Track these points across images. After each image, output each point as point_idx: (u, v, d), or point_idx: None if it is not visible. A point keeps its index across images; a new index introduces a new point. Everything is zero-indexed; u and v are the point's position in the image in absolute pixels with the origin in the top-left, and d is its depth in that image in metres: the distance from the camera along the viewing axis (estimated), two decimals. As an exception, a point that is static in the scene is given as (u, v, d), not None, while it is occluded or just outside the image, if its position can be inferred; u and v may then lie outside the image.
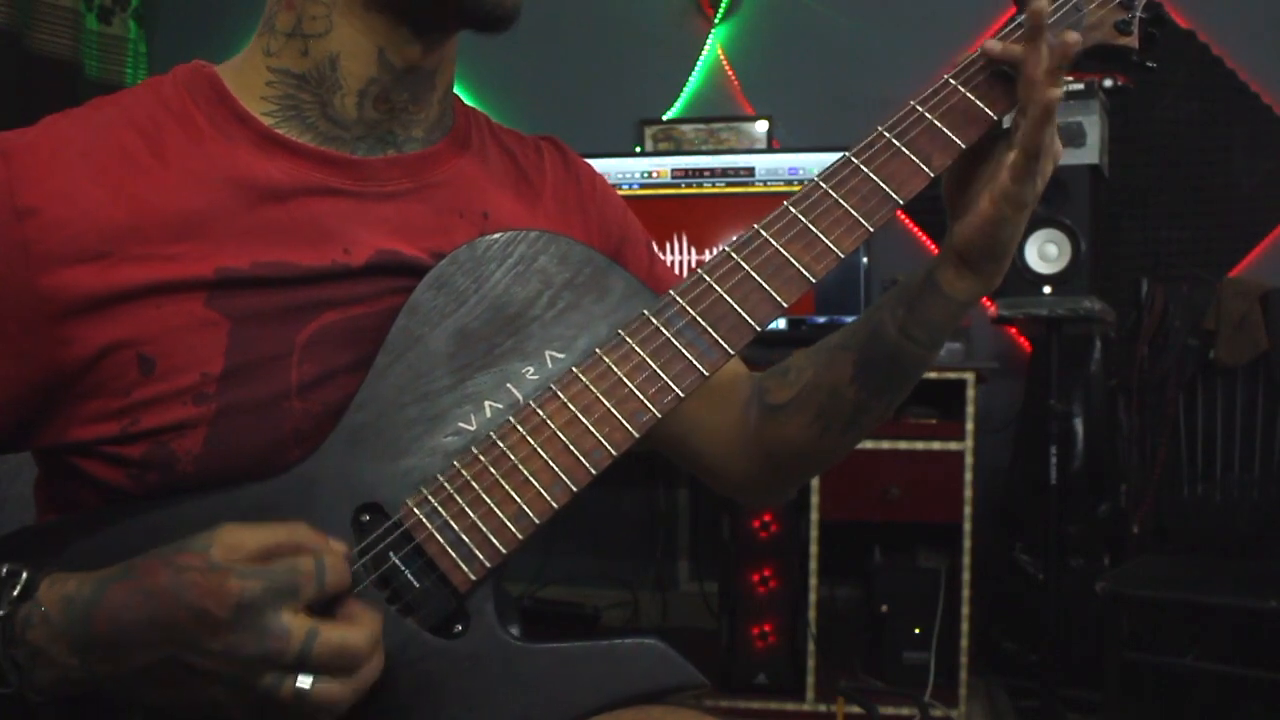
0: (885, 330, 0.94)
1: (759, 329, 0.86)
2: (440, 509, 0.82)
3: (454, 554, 0.81)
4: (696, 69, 3.35)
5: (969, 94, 0.90)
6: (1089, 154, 2.58)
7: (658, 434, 0.95)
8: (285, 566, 0.74)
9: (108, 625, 0.74)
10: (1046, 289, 2.57)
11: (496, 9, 0.89)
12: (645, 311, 0.86)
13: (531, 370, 0.86)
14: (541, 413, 0.84)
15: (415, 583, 0.81)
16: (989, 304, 2.93)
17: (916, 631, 2.65)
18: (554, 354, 0.86)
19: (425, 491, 0.82)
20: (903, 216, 3.15)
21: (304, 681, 0.73)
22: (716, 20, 3.33)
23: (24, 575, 0.76)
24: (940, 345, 0.95)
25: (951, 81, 0.91)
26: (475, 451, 0.83)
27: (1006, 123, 0.91)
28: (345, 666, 0.74)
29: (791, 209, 0.88)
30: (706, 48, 3.34)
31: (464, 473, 0.83)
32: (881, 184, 0.88)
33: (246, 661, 0.72)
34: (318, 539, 0.77)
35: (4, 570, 0.77)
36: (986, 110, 0.90)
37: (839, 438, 0.98)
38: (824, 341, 0.99)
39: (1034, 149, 0.86)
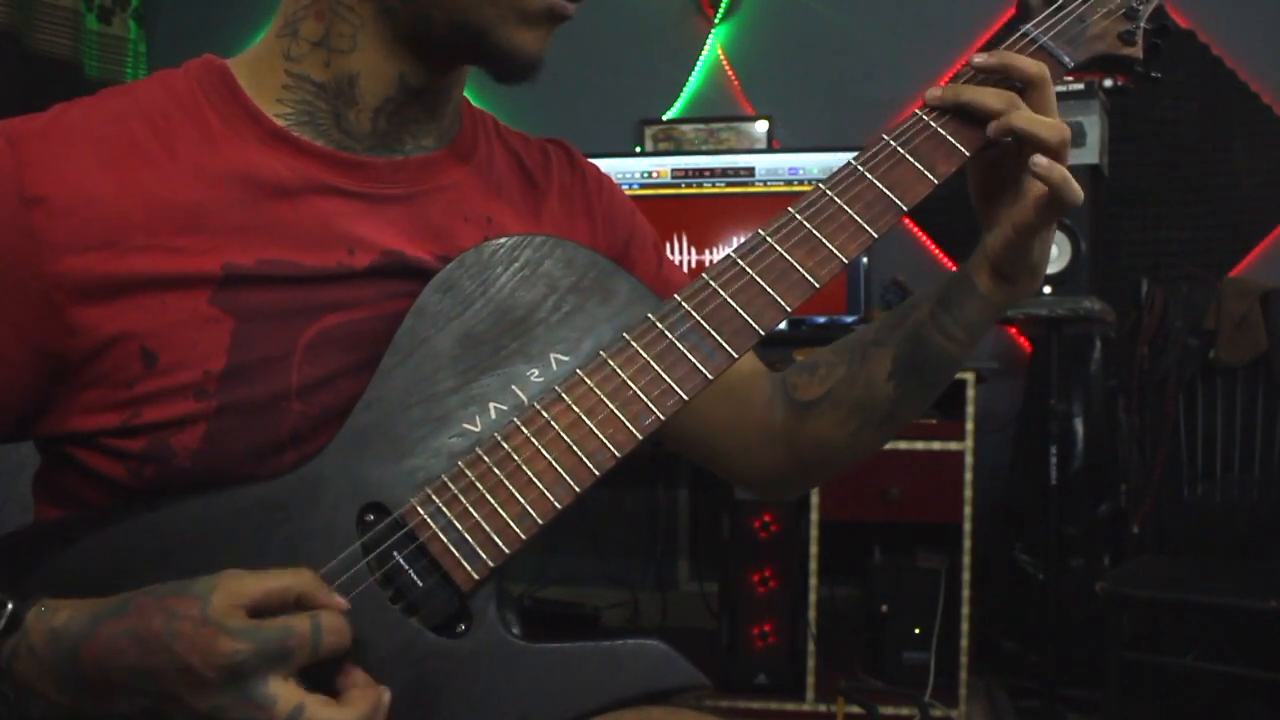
0: (924, 329, 0.96)
1: (763, 333, 0.86)
2: (444, 509, 0.82)
3: (457, 553, 0.82)
4: (696, 69, 3.35)
5: None
6: (1089, 154, 2.58)
7: (673, 434, 0.96)
8: (279, 628, 0.73)
9: (94, 665, 0.73)
10: (1046, 289, 2.57)
11: (521, 66, 0.89)
12: (650, 315, 0.87)
13: (536, 373, 0.86)
14: (546, 414, 0.84)
15: (419, 582, 0.81)
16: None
17: (916, 631, 2.65)
18: (559, 357, 0.87)
19: (429, 491, 0.83)
20: (904, 218, 3.16)
21: None
22: (716, 20, 3.33)
23: (9, 606, 0.75)
24: (978, 343, 0.97)
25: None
26: (479, 452, 0.83)
27: None
28: None
29: (796, 214, 0.88)
30: (706, 48, 3.34)
31: (468, 473, 0.83)
32: (886, 190, 0.89)
33: None
34: (320, 592, 0.76)
35: None
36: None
37: (873, 434, 0.99)
38: (853, 338, 1.00)
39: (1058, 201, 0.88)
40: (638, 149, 3.28)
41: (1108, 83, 2.58)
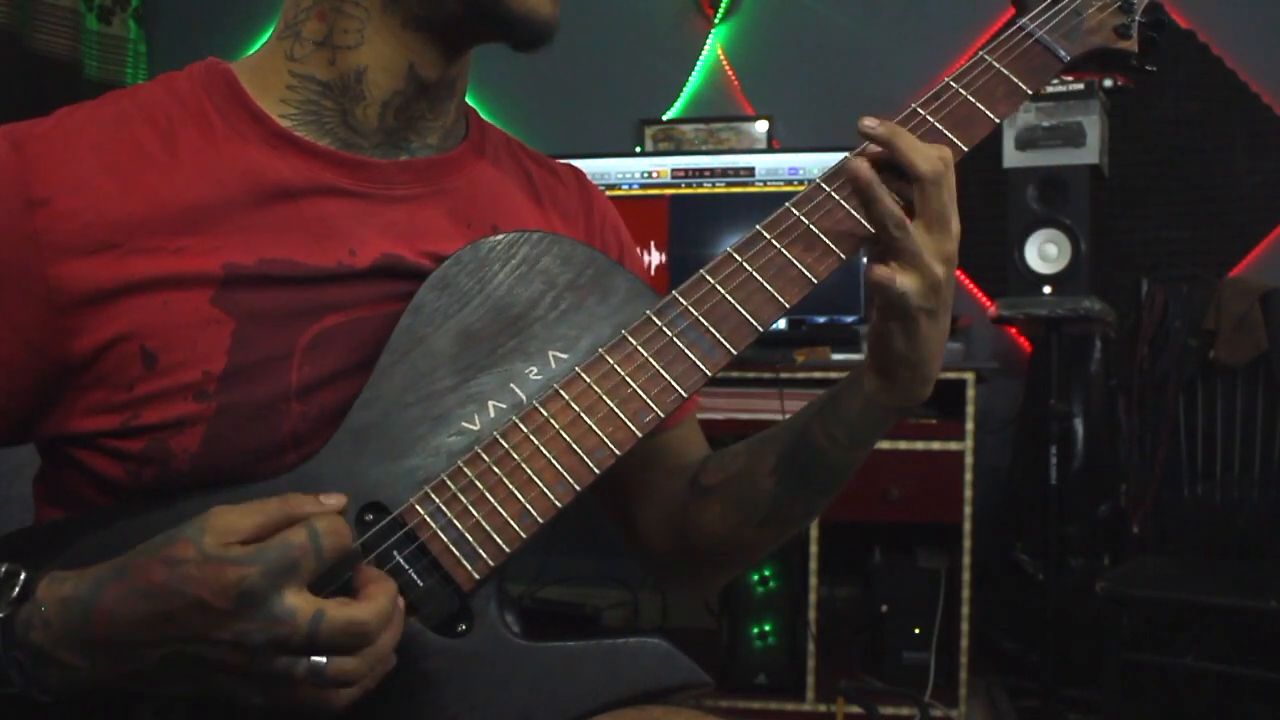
0: (808, 425, 0.92)
1: (762, 329, 0.86)
2: (444, 508, 0.82)
3: (457, 552, 0.82)
4: (696, 69, 3.35)
5: (969, 97, 0.91)
6: (1089, 154, 2.58)
7: (607, 484, 0.90)
8: (279, 544, 0.73)
9: (107, 627, 0.73)
10: (1046, 289, 2.58)
11: (538, 29, 0.89)
12: (648, 312, 0.87)
13: (535, 370, 0.86)
14: (545, 412, 0.84)
15: (419, 581, 0.81)
16: (989, 304, 2.93)
17: (916, 631, 2.65)
18: (557, 354, 0.87)
19: (429, 490, 0.83)
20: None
21: (318, 660, 0.72)
22: (716, 20, 3.33)
23: (22, 575, 0.76)
24: (862, 449, 0.91)
25: (952, 85, 0.92)
26: (479, 450, 0.83)
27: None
28: (356, 644, 0.73)
29: (794, 210, 0.88)
30: (706, 48, 3.34)
31: (467, 471, 0.83)
32: None
33: (255, 648, 0.72)
34: (311, 503, 0.76)
35: (2, 571, 0.76)
36: (987, 112, 0.90)
37: (755, 531, 0.94)
38: (764, 432, 0.96)
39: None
40: (638, 149, 3.28)
41: (1108, 83, 2.58)
